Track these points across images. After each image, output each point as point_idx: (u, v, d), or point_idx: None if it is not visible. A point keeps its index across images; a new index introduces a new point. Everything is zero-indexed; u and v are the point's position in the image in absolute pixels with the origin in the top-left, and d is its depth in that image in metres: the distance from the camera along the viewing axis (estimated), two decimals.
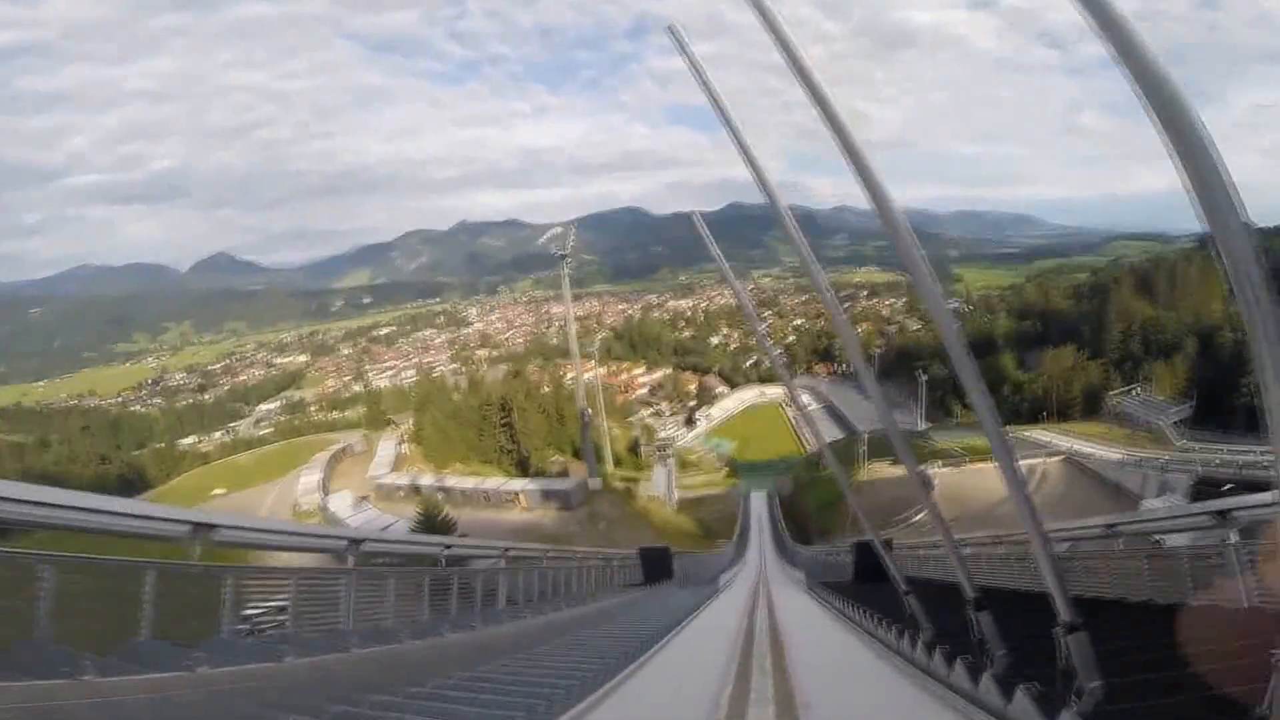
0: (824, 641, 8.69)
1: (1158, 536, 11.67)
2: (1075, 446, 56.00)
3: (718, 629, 10.14)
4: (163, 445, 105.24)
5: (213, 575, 5.94)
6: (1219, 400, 60.03)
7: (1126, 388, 68.52)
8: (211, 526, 5.78)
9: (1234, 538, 7.21)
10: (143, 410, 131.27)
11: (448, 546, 10.21)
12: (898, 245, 2.47)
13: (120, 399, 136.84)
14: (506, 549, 12.98)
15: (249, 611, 6.54)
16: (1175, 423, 56.95)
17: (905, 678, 5.36)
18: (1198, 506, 8.49)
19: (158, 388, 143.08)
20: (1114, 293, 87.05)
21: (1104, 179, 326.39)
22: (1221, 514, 7.52)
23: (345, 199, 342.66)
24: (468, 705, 4.57)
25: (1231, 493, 33.81)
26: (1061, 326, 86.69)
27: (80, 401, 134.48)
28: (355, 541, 7.72)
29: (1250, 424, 57.33)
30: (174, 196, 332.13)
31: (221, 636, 5.72)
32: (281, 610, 6.81)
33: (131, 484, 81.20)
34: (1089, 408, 70.21)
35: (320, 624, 6.93)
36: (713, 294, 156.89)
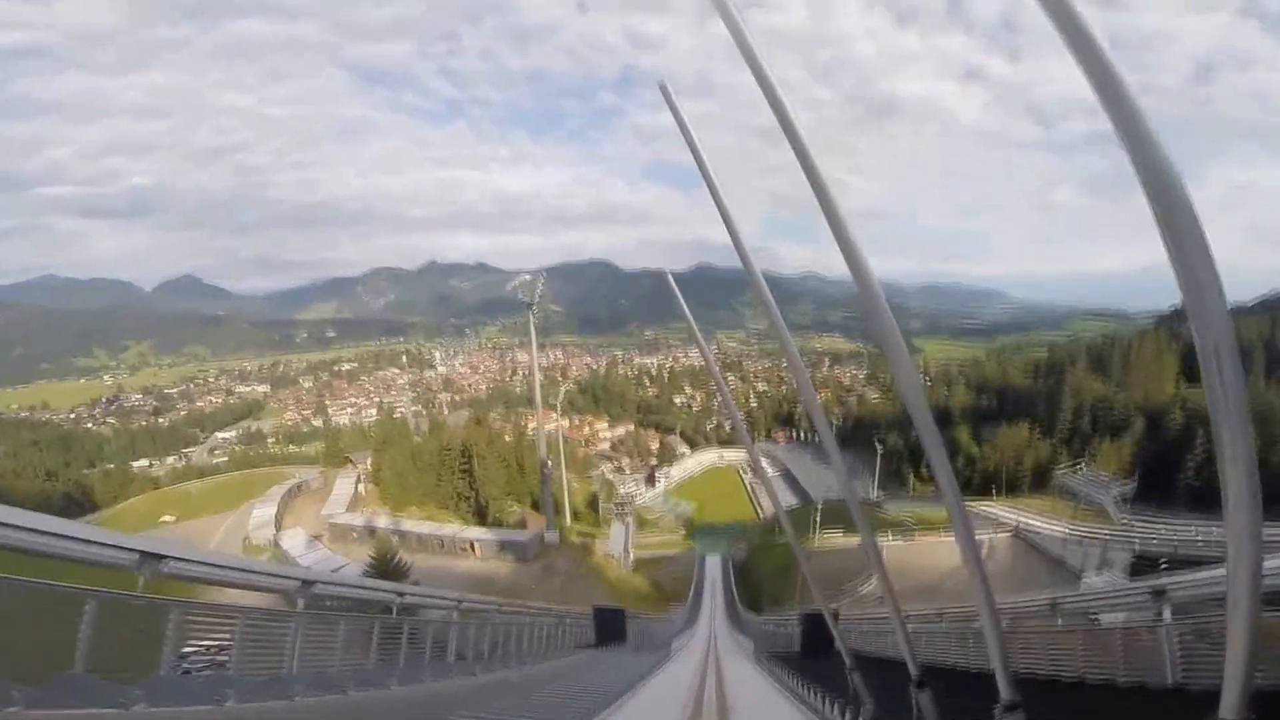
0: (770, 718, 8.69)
1: (1095, 614, 11.95)
2: (1023, 521, 56.92)
3: (668, 699, 10.06)
4: (113, 466, 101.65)
5: (156, 608, 5.77)
6: (1161, 478, 61.91)
7: (1073, 463, 70.10)
8: (160, 557, 5.66)
9: (1168, 617, 7.45)
10: (96, 428, 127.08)
11: (401, 594, 10.02)
12: (869, 310, 2.58)
13: (73, 415, 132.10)
14: (460, 600, 12.76)
15: (187, 649, 6.37)
16: (1118, 499, 58.23)
17: None
18: (1137, 585, 8.74)
19: (113, 406, 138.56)
20: (1069, 370, 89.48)
21: (1071, 256, 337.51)
22: (1158, 593, 7.77)
23: (316, 230, 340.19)
24: None
25: (1167, 570, 34.73)
26: (1017, 402, 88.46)
27: (33, 414, 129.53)
28: (307, 583, 7.59)
29: (1189, 502, 59.22)
30: (147, 214, 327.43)
31: (161, 674, 5.56)
32: (222, 650, 6.65)
33: (78, 504, 77.57)
34: (1038, 482, 71.47)
35: (265, 667, 6.78)
36: (678, 353, 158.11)
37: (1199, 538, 44.33)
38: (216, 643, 6.62)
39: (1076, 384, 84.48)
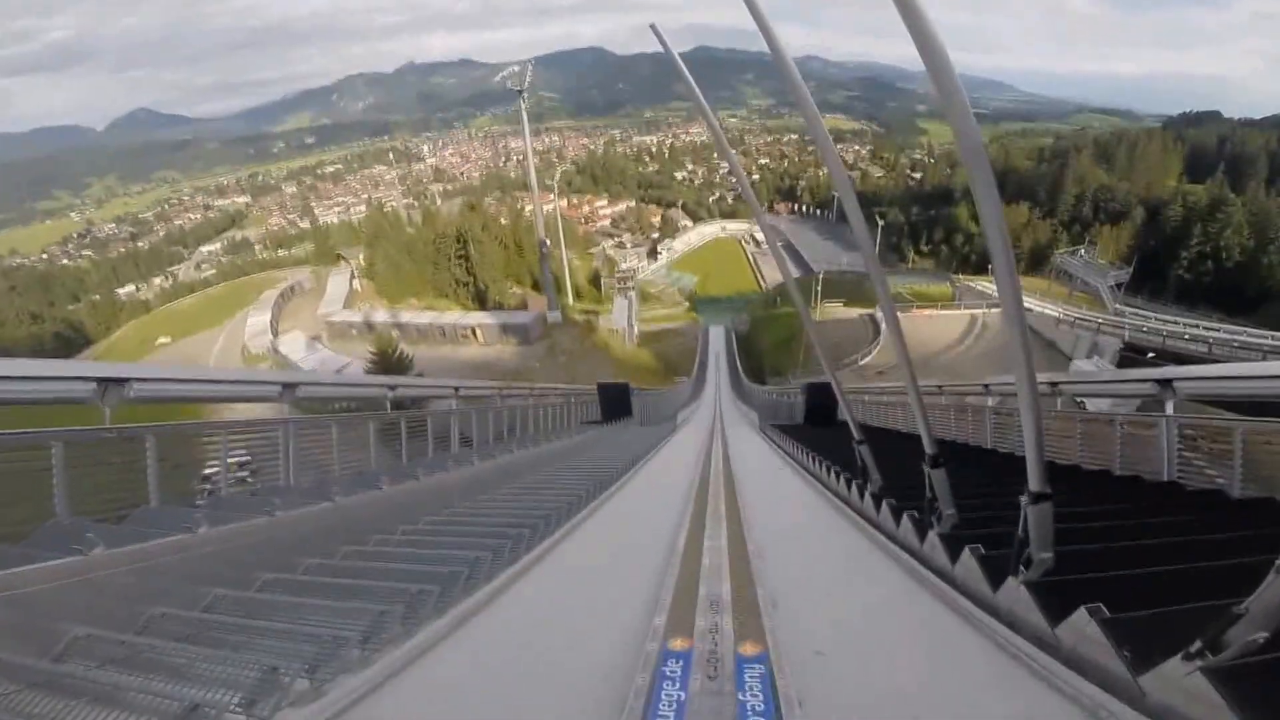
0: (776, 489, 8.81)
1: (1081, 399, 11.98)
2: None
3: (675, 470, 10.23)
4: (99, 297, 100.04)
5: (129, 438, 5.45)
6: (1156, 270, 62.94)
7: (1073, 248, 70.23)
8: (121, 381, 5.26)
9: (1170, 409, 7.35)
10: (72, 264, 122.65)
11: (392, 388, 9.82)
12: (938, 88, 2.09)
13: (45, 256, 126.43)
14: (458, 387, 12.66)
15: (208, 471, 6.26)
16: (1112, 286, 58.50)
17: (854, 529, 5.40)
18: (1143, 373, 8.55)
19: (86, 240, 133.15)
20: (1074, 158, 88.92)
21: (1081, 57, 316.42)
22: (1164, 383, 7.58)
23: (277, 48, 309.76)
24: (406, 562, 4.43)
25: (1154, 361, 35.68)
26: (1019, 185, 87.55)
27: (1, 263, 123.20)
28: (289, 386, 7.25)
29: (1179, 295, 60.58)
30: (77, 62, 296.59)
31: (151, 506, 5.37)
32: (243, 466, 6.53)
33: (70, 340, 78.30)
34: (1035, 263, 71.98)
35: (254, 482, 6.67)
36: (679, 129, 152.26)
37: (1186, 332, 44.93)
38: (234, 460, 6.48)
39: (1081, 172, 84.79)
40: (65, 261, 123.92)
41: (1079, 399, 11.49)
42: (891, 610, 3.62)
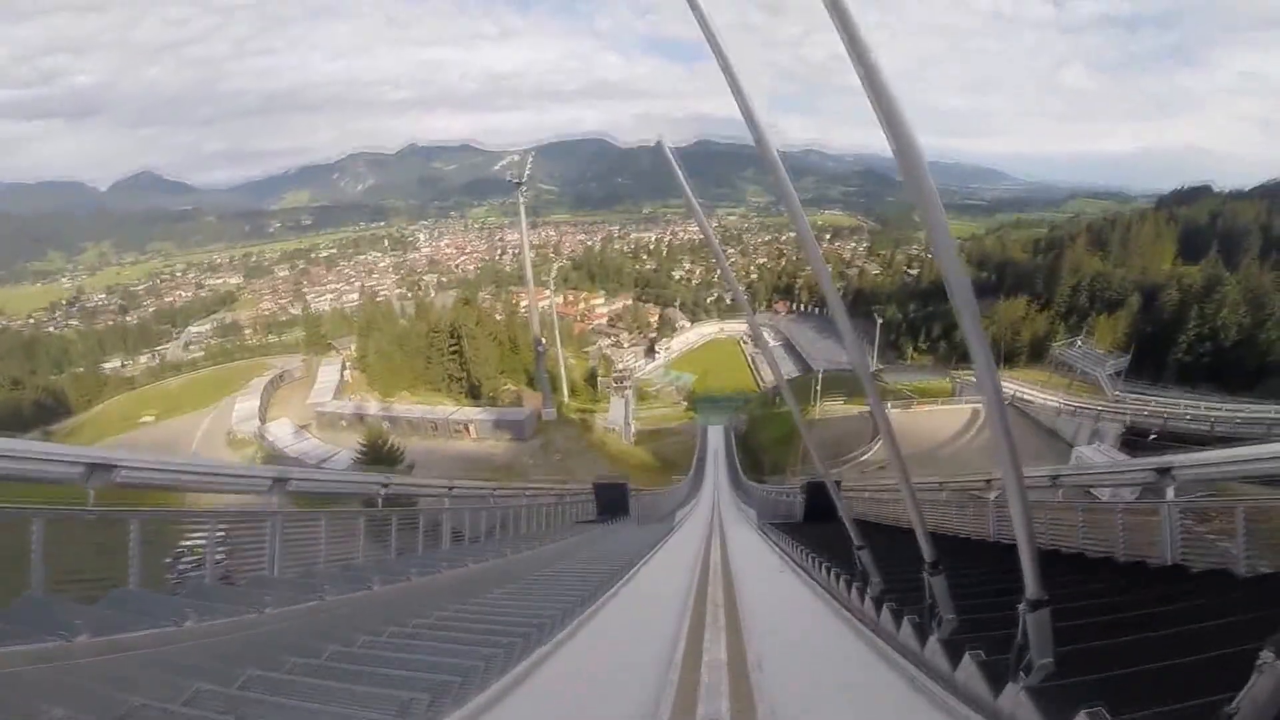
0: (776, 593, 8.64)
1: (1092, 490, 12.05)
2: (1018, 392, 57.69)
3: (672, 574, 10.00)
4: (83, 369, 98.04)
5: (113, 521, 5.38)
6: (1154, 355, 63.50)
7: (1070, 338, 71.05)
8: (110, 466, 5.23)
9: (1171, 494, 7.38)
10: (59, 332, 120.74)
11: (385, 485, 9.74)
12: (908, 178, 2.21)
13: (32, 320, 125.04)
14: (451, 486, 12.55)
15: (184, 546, 6.13)
16: (1112, 374, 59.12)
17: (855, 635, 5.30)
18: (1141, 462, 8.62)
19: (75, 308, 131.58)
20: (1068, 247, 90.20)
21: (1076, 136, 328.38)
22: (1163, 471, 7.64)
23: (286, 118, 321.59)
24: (393, 668, 4.29)
25: (1156, 443, 36.06)
26: (1016, 277, 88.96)
27: None
28: (280, 480, 7.22)
29: (1180, 378, 61.00)
30: (94, 113, 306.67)
31: (130, 589, 5.25)
32: (218, 548, 6.39)
33: (50, 411, 76.41)
34: (1034, 355, 72.62)
35: (241, 574, 6.53)
36: (677, 227, 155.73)
37: (1188, 413, 45.45)
38: (201, 550, 6.34)
39: (1075, 260, 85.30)
40: (51, 329, 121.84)
41: (1089, 490, 11.61)
42: None
